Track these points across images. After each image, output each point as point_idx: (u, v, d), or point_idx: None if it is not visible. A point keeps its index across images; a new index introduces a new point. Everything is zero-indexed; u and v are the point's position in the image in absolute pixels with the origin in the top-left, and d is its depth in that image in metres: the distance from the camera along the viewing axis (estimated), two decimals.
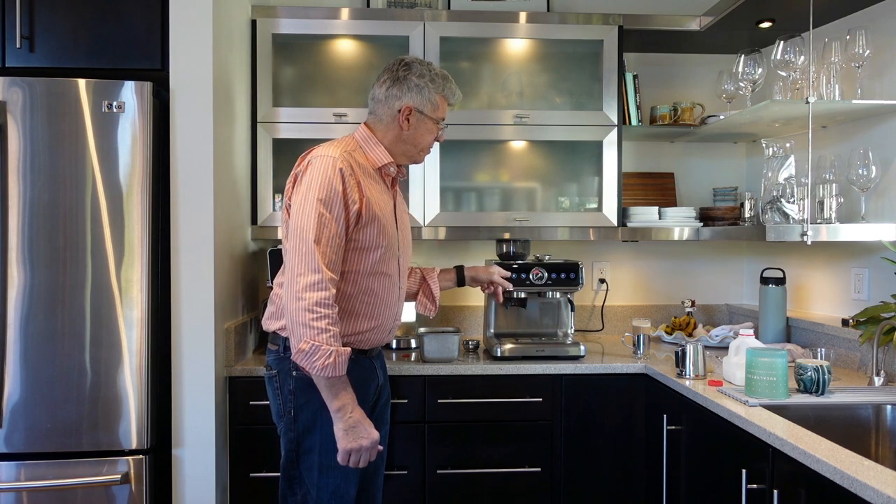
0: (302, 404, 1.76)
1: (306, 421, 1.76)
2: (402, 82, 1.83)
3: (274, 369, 1.81)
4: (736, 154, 3.08)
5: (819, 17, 2.37)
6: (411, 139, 1.86)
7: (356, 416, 1.68)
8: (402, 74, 1.84)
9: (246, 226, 2.56)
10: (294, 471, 1.79)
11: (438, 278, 2.14)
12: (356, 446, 1.67)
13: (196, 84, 2.12)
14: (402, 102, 1.83)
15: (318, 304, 1.62)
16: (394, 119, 1.84)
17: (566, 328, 2.60)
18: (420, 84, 1.83)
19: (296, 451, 1.78)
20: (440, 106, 1.87)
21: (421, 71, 1.84)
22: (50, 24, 2.09)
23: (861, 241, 2.24)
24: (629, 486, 2.36)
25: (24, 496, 2.00)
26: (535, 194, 2.89)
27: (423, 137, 1.88)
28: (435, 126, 1.88)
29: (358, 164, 1.77)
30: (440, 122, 1.89)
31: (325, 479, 1.75)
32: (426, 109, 1.84)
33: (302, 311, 1.62)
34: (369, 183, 1.78)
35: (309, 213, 1.67)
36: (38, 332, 2.00)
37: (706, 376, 2.12)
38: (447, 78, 1.89)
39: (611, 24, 2.66)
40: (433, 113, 1.86)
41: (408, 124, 1.84)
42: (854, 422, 1.83)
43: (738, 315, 2.98)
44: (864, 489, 1.25)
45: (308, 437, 1.76)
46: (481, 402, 2.31)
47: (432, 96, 1.84)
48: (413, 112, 1.83)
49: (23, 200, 1.99)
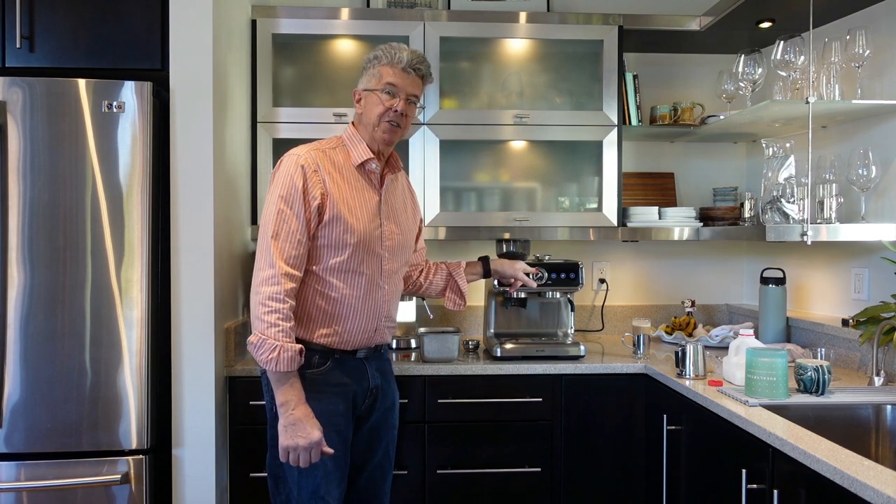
0: None
1: None
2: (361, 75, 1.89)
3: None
4: (736, 154, 3.08)
5: (819, 17, 2.37)
6: (366, 119, 1.84)
7: (297, 414, 1.67)
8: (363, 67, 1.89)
9: (246, 226, 2.56)
10: (278, 469, 1.78)
11: (465, 272, 2.15)
12: (293, 444, 1.66)
13: (196, 84, 2.12)
14: (356, 89, 1.88)
15: (270, 298, 1.65)
16: (356, 109, 1.88)
17: (566, 328, 2.60)
18: (367, 67, 1.86)
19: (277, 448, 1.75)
20: (383, 75, 1.82)
21: (370, 55, 1.86)
22: (50, 24, 2.09)
23: (861, 241, 2.24)
24: (629, 486, 2.36)
25: (24, 496, 2.00)
26: (535, 194, 2.89)
27: (372, 111, 1.82)
28: (383, 96, 1.80)
29: (331, 162, 1.78)
30: (388, 90, 1.81)
31: (304, 479, 1.74)
32: (370, 84, 1.84)
33: (257, 304, 1.66)
34: (341, 180, 1.78)
35: (270, 210, 1.72)
36: (38, 332, 2.00)
37: (706, 376, 2.12)
38: (392, 47, 1.85)
39: (611, 24, 2.66)
40: (377, 84, 1.82)
41: (360, 106, 1.86)
42: (854, 422, 1.83)
43: (738, 315, 2.98)
44: (864, 489, 1.25)
45: None
46: (481, 402, 2.31)
47: (374, 70, 1.84)
48: (361, 94, 1.86)
49: (23, 200, 1.99)
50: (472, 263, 2.18)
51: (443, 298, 2.17)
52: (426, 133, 2.61)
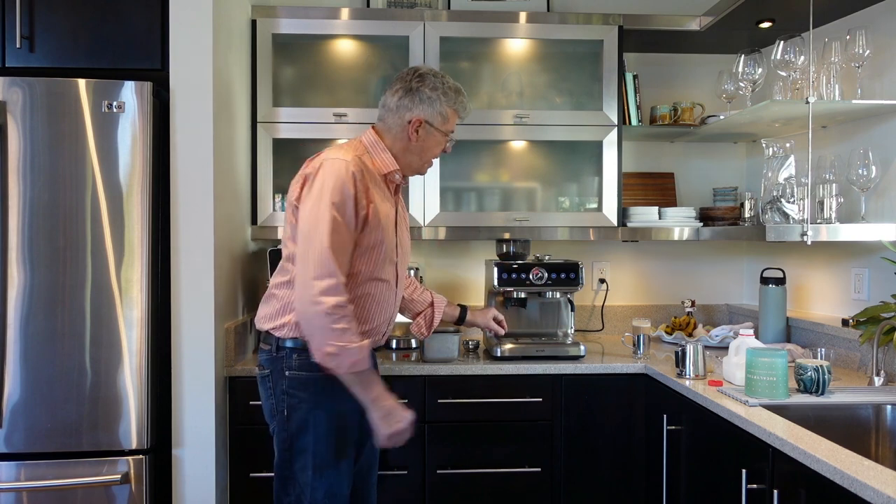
0: (295, 404, 1.76)
1: (299, 420, 1.76)
2: (414, 94, 1.83)
3: (266, 369, 1.80)
4: (736, 154, 3.08)
5: (819, 17, 2.37)
6: (418, 150, 1.86)
7: (389, 403, 1.72)
8: (416, 86, 1.83)
9: (246, 226, 2.56)
10: (287, 471, 1.78)
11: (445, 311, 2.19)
12: (396, 430, 1.71)
13: (196, 84, 2.12)
14: (412, 114, 1.82)
15: (337, 307, 1.62)
16: (403, 129, 1.84)
17: (566, 328, 2.60)
18: (432, 97, 1.83)
19: (289, 451, 1.77)
20: (450, 119, 1.87)
21: (434, 83, 1.83)
22: (50, 24, 2.09)
23: (861, 241, 2.24)
24: (629, 486, 2.36)
25: (24, 496, 2.00)
26: (535, 194, 2.89)
27: (431, 150, 1.88)
28: (443, 138, 1.88)
29: (367, 169, 1.77)
30: (448, 134, 1.89)
31: (318, 479, 1.74)
32: (436, 122, 1.84)
33: (321, 315, 1.61)
34: (375, 188, 1.78)
35: (323, 217, 1.65)
36: (38, 332, 2.00)
37: (706, 376, 2.12)
38: (459, 91, 1.89)
39: (611, 24, 2.66)
40: (442, 125, 1.86)
41: (416, 136, 1.84)
42: (854, 422, 1.83)
43: (738, 315, 2.98)
44: (864, 489, 1.25)
45: (301, 436, 1.76)
46: (481, 402, 2.31)
47: (443, 109, 1.84)
48: (423, 124, 1.83)
49: (23, 200, 1.99)
50: (451, 306, 2.23)
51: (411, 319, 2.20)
52: None
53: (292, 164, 2.73)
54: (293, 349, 1.77)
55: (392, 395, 1.74)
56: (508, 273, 2.44)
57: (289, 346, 1.77)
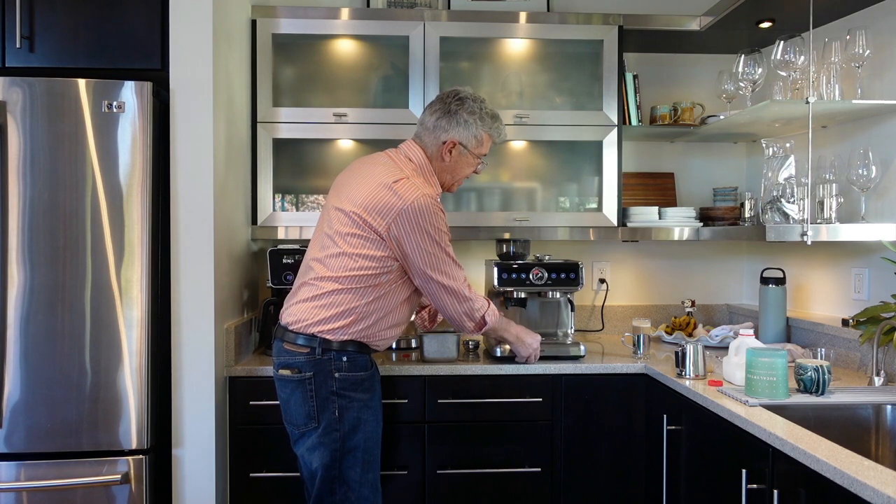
0: (346, 404, 1.84)
1: (352, 420, 1.84)
2: (452, 116, 1.95)
3: (307, 371, 1.84)
4: (736, 154, 3.08)
5: (819, 17, 2.37)
6: (450, 170, 2.00)
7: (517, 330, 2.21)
8: (455, 108, 1.95)
9: (246, 226, 2.56)
10: (335, 471, 1.84)
11: None
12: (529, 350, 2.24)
13: (196, 84, 2.12)
14: (448, 136, 1.95)
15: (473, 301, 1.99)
16: (438, 149, 1.97)
17: (566, 328, 2.60)
18: (469, 121, 1.95)
19: (340, 450, 1.84)
20: (484, 142, 1.99)
21: (472, 108, 1.96)
22: (50, 24, 2.09)
23: (861, 241, 2.24)
24: (629, 486, 2.36)
25: (24, 496, 2.00)
26: (535, 194, 2.89)
27: (462, 170, 2.01)
28: (475, 161, 2.01)
29: None
30: (481, 157, 2.02)
31: (366, 474, 1.85)
32: (470, 145, 1.97)
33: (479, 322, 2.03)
34: None
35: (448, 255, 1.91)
36: (38, 332, 2.00)
37: (706, 376, 2.12)
38: (496, 117, 2.01)
39: (611, 24, 2.66)
40: (476, 149, 1.99)
41: (450, 156, 1.97)
42: (854, 422, 1.83)
43: (738, 315, 2.98)
44: (863, 489, 1.25)
45: (354, 435, 1.84)
46: (481, 402, 2.31)
47: (478, 133, 1.97)
48: (457, 146, 1.96)
49: (23, 200, 1.99)
50: None
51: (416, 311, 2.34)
52: None
53: (292, 164, 2.76)
54: (343, 350, 1.85)
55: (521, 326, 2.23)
56: (508, 273, 2.44)
57: (339, 348, 1.85)
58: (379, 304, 1.89)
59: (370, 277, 1.85)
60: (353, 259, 1.85)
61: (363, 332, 1.88)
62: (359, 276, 1.85)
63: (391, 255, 1.86)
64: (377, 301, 1.88)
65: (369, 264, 1.84)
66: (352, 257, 1.85)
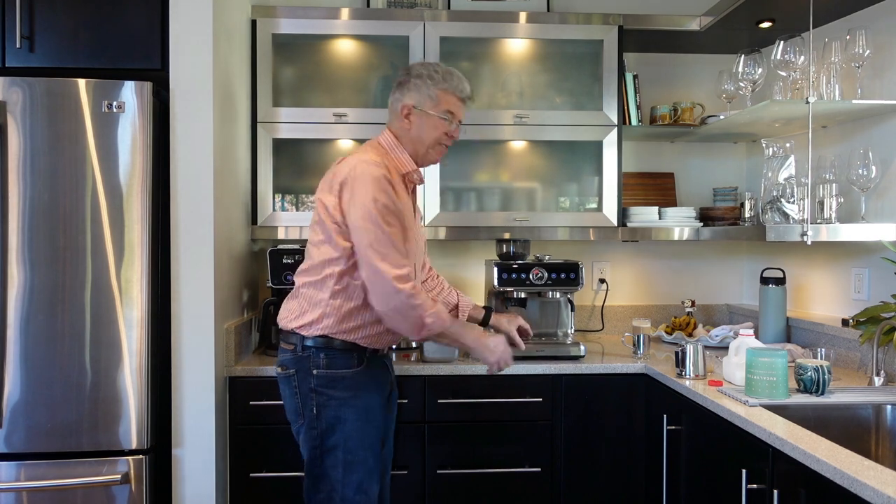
0: (324, 402, 1.80)
1: (330, 418, 1.80)
2: (402, 85, 1.91)
3: (291, 368, 1.83)
4: (736, 154, 3.08)
5: (819, 17, 2.37)
6: (417, 139, 1.90)
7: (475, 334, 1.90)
8: (404, 79, 1.91)
9: (246, 226, 2.56)
10: (318, 469, 1.81)
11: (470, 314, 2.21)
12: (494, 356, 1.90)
13: (196, 84, 2.12)
14: (401, 102, 1.89)
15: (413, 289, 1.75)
16: (400, 121, 1.90)
17: (566, 328, 2.60)
18: (418, 83, 1.88)
19: (319, 448, 1.80)
20: (441, 101, 1.88)
21: (420, 71, 1.89)
22: (50, 23, 2.09)
23: (861, 241, 2.24)
24: (629, 486, 2.36)
25: (24, 496, 2.00)
26: (535, 194, 2.89)
27: (428, 134, 1.89)
28: (440, 122, 1.89)
29: (389, 170, 1.83)
30: (446, 117, 1.89)
31: (349, 475, 1.79)
32: (426, 105, 1.87)
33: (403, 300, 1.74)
34: (399, 187, 1.84)
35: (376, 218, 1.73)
36: (38, 332, 2.00)
37: (706, 376, 2.12)
38: (451, 73, 1.91)
39: (611, 24, 2.66)
40: (434, 108, 1.88)
41: (409, 123, 1.89)
42: (854, 422, 1.83)
43: (738, 315, 2.98)
44: (863, 489, 1.25)
45: (332, 434, 1.80)
46: (481, 402, 2.31)
47: (432, 92, 1.87)
48: (412, 110, 1.88)
49: (23, 200, 1.99)
50: (477, 308, 2.24)
51: None
52: None
53: (292, 164, 2.76)
54: (320, 347, 1.81)
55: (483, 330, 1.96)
56: (508, 273, 2.44)
57: (314, 345, 1.81)
58: (344, 296, 1.79)
59: (328, 264, 1.78)
60: (317, 248, 1.82)
61: (336, 328, 1.80)
62: (319, 266, 1.80)
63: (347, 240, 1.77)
64: (342, 294, 1.79)
65: (329, 253, 1.78)
66: (316, 245, 1.82)
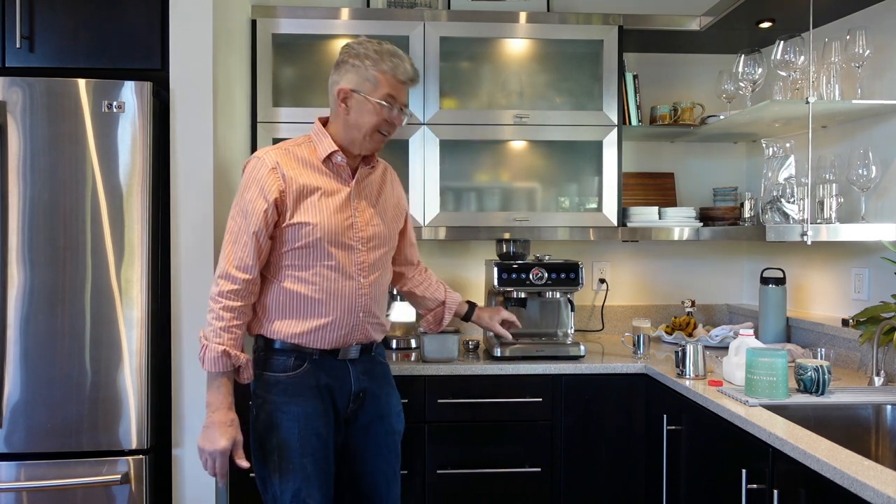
0: (259, 404, 1.76)
1: (265, 421, 1.74)
2: (339, 66, 1.74)
3: None
4: (736, 154, 3.08)
5: (819, 17, 2.37)
6: (354, 124, 1.73)
7: (214, 418, 1.68)
8: (341, 58, 1.74)
9: None
10: (262, 471, 1.76)
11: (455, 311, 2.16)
12: (200, 446, 1.69)
13: (196, 84, 2.12)
14: (338, 86, 1.73)
15: (224, 308, 1.68)
16: (336, 105, 1.75)
17: (566, 328, 2.60)
18: (356, 64, 1.70)
19: (260, 450, 1.75)
20: (381, 84, 1.70)
21: (357, 51, 1.71)
22: (50, 23, 2.09)
23: (861, 241, 2.24)
24: (629, 486, 2.36)
25: (24, 496, 2.00)
26: (535, 194, 2.89)
27: (365, 119, 1.72)
28: (380, 107, 1.71)
29: (295, 158, 1.74)
30: (386, 101, 1.71)
31: (285, 482, 1.71)
32: (364, 89, 1.70)
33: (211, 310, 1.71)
34: (305, 175, 1.73)
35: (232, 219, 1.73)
36: (38, 332, 2.00)
37: (706, 376, 2.12)
38: (392, 53, 1.71)
39: (611, 24, 2.66)
40: (372, 92, 1.70)
41: (346, 108, 1.73)
42: (854, 422, 1.83)
43: (738, 315, 2.98)
44: (863, 489, 1.26)
45: (268, 438, 1.73)
46: (481, 402, 2.31)
47: (370, 74, 1.69)
48: (350, 94, 1.71)
49: (23, 200, 1.99)
50: (464, 305, 2.18)
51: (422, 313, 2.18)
52: (426, 133, 2.61)
53: None
54: (260, 348, 1.80)
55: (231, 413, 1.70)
56: (508, 273, 2.44)
57: (256, 346, 1.81)
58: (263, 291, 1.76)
59: None
60: None
61: (266, 328, 1.75)
62: None
63: None
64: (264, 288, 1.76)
65: None
66: None
